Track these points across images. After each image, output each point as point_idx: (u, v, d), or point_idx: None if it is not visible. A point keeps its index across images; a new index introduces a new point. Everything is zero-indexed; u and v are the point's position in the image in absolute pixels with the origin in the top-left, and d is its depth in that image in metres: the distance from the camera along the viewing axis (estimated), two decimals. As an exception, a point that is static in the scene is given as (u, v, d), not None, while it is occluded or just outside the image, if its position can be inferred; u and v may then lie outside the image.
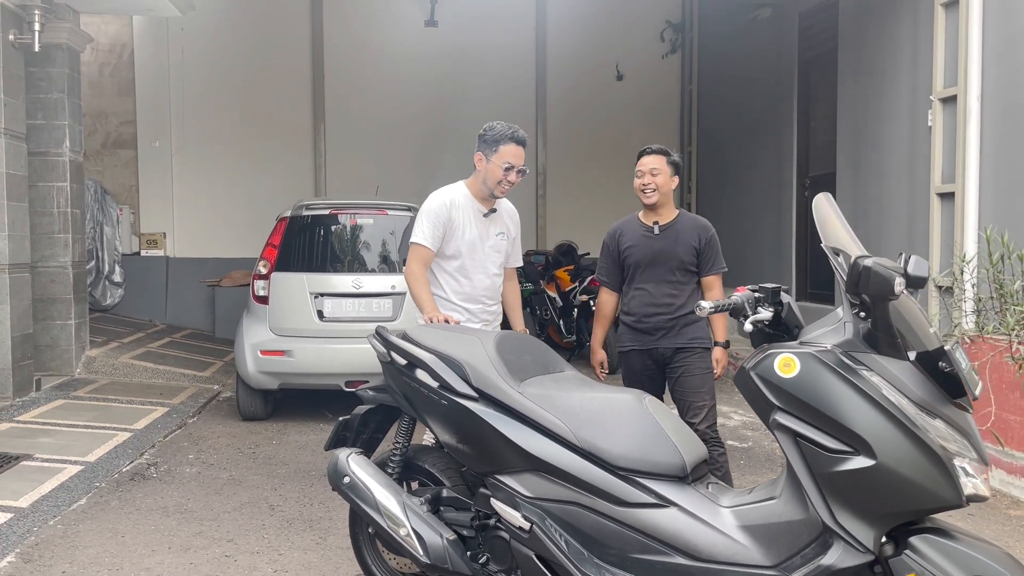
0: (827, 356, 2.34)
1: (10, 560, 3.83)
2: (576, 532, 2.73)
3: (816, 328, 2.45)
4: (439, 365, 2.96)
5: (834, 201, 2.68)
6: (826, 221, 2.55)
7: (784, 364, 2.35)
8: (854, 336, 2.35)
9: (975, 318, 5.27)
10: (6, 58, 6.72)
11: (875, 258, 2.28)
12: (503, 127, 3.98)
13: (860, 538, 2.29)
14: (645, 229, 4.22)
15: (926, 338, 2.36)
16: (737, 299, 2.53)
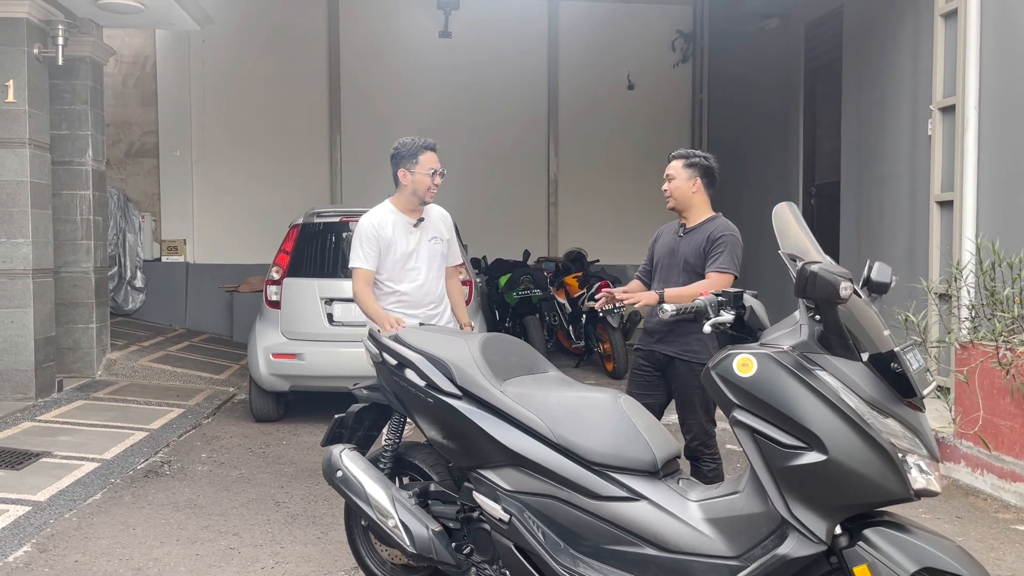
0: (783, 357, 2.47)
1: (26, 550, 4.03)
2: (553, 524, 2.87)
3: (776, 330, 2.58)
4: (426, 365, 3.12)
5: (796, 209, 2.81)
6: (786, 229, 2.68)
7: (742, 364, 2.49)
8: (809, 338, 2.48)
9: (968, 324, 5.35)
10: (31, 71, 6.98)
11: (822, 264, 2.41)
12: (413, 140, 4.32)
13: (814, 529, 2.41)
14: (676, 230, 4.26)
15: (879, 340, 2.48)
16: (700, 303, 2.67)
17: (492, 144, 12.03)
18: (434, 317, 4.43)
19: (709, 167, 4.19)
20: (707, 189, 4.19)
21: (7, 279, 6.99)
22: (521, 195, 12.19)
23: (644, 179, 12.06)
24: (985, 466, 5.10)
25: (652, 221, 11.72)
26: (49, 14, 7.14)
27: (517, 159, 12.15)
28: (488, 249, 11.33)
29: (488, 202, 11.95)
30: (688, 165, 4.16)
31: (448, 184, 12.35)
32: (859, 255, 7.82)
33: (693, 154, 4.20)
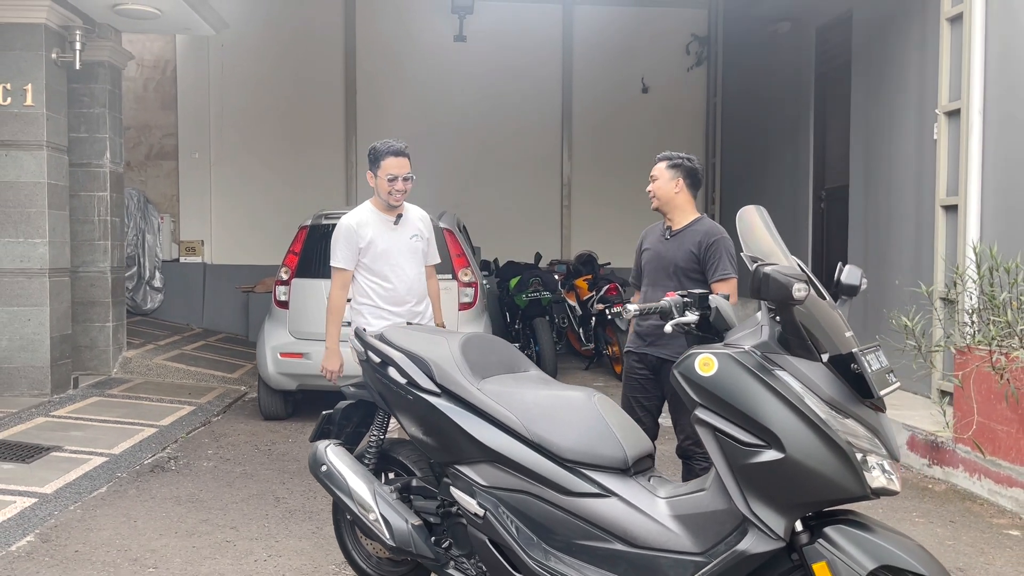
0: (743, 357, 2.52)
1: (29, 539, 4.16)
2: (526, 519, 2.93)
3: (739, 331, 2.63)
4: (407, 363, 3.20)
5: (765, 213, 2.84)
6: (750, 231, 2.72)
7: (703, 363, 2.54)
8: (769, 338, 2.52)
9: (968, 329, 5.34)
10: (49, 75, 7.17)
11: (776, 266, 2.45)
12: (381, 145, 4.41)
13: (772, 526, 2.46)
14: (661, 233, 4.29)
15: (840, 342, 2.52)
16: (666, 303, 2.72)
17: (506, 147, 12.12)
18: (418, 315, 4.52)
19: (692, 168, 4.23)
20: (690, 190, 4.23)
21: (24, 278, 7.18)
22: (534, 198, 12.26)
23: (657, 182, 12.07)
24: (982, 471, 5.09)
25: (665, 224, 11.79)
26: (67, 20, 7.32)
27: (531, 162, 12.22)
28: (501, 251, 11.40)
29: (502, 204, 12.04)
30: (671, 166, 4.21)
31: (462, 186, 12.55)
32: (866, 259, 7.81)
33: (676, 156, 4.24)
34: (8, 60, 7.03)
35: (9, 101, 7.04)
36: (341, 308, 4.46)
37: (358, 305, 4.51)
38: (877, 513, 4.71)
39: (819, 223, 8.99)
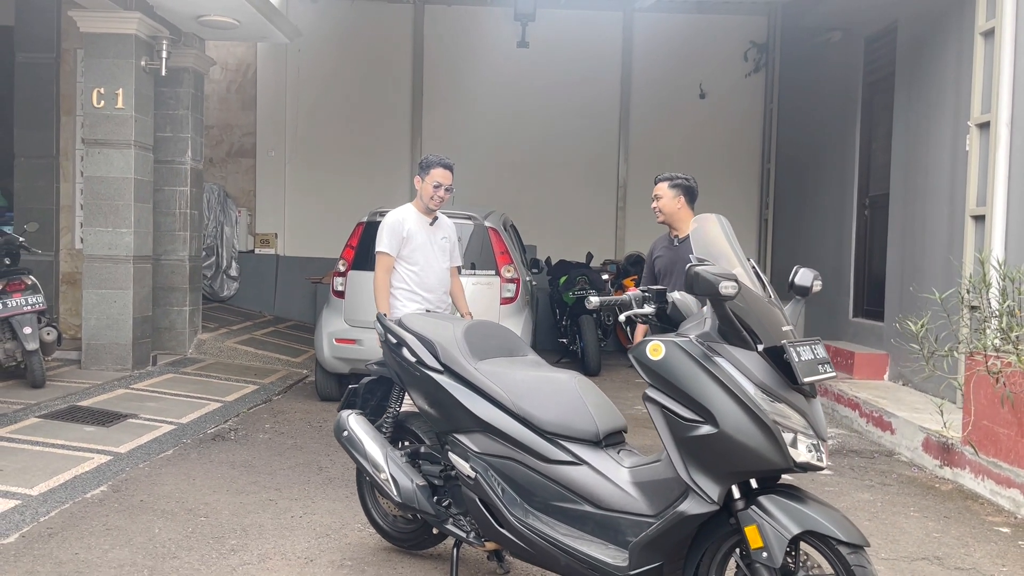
0: (687, 344, 2.89)
1: (102, 489, 4.81)
2: (511, 481, 3.37)
3: (690, 322, 3.00)
4: (416, 344, 3.67)
5: (725, 222, 3.20)
6: (704, 237, 3.09)
7: (653, 349, 2.93)
8: (711, 329, 2.89)
9: (979, 335, 5.52)
10: (138, 81, 7.92)
11: (707, 266, 2.81)
12: (434, 156, 5.12)
13: (708, 491, 2.83)
14: (669, 241, 5.03)
15: (776, 334, 2.87)
16: (626, 296, 3.12)
17: (564, 149, 12.53)
18: (442, 304, 5.23)
19: (690, 187, 4.96)
20: (689, 204, 4.96)
21: (112, 264, 7.95)
22: (591, 200, 12.63)
23: (713, 187, 12.29)
24: (986, 472, 5.28)
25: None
26: (155, 30, 8.06)
27: (588, 164, 12.60)
28: (557, 251, 11.84)
29: (558, 205, 12.46)
30: (672, 186, 4.91)
31: (520, 187, 13.01)
32: (903, 266, 7.95)
33: (675, 176, 4.96)
34: (102, 67, 7.80)
35: (103, 104, 7.81)
36: (385, 287, 5.14)
37: (395, 290, 5.18)
38: (875, 507, 5.01)
39: (862, 230, 9.13)
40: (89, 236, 7.99)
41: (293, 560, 3.91)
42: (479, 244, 7.78)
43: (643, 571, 2.98)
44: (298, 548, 4.07)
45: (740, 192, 12.56)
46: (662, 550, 2.95)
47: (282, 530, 4.31)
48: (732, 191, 12.44)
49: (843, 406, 7.50)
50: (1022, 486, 4.90)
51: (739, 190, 12.55)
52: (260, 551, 4.01)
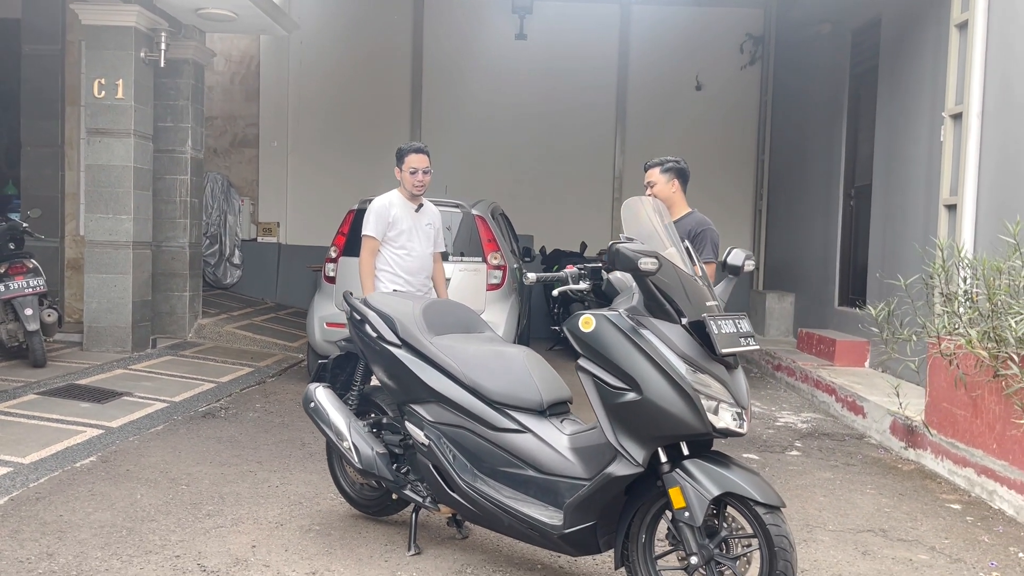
0: (616, 318, 3.09)
1: (92, 459, 5.06)
2: (462, 448, 3.58)
3: (621, 298, 3.20)
4: (377, 320, 3.88)
5: (658, 203, 3.39)
6: (634, 217, 3.27)
7: (585, 322, 3.12)
8: (638, 303, 3.08)
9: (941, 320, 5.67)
10: (137, 71, 8.16)
11: (628, 244, 3.00)
12: (406, 145, 5.35)
13: (633, 454, 3.03)
14: None
15: (700, 309, 3.06)
16: (563, 274, 3.32)
17: (561, 140, 12.71)
18: (423, 288, 5.44)
19: (681, 169, 4.97)
20: (683, 187, 5.00)
21: (112, 249, 8.21)
22: (587, 190, 12.80)
23: (708, 178, 12.45)
24: (944, 452, 5.44)
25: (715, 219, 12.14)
26: (154, 22, 8.30)
27: (585, 155, 12.78)
28: (553, 240, 12.04)
29: (555, 195, 12.65)
30: (664, 171, 4.92)
31: (518, 177, 13.22)
32: (884, 254, 8.10)
33: (666, 160, 4.96)
34: (103, 58, 8.05)
35: (103, 94, 8.06)
36: (371, 270, 5.39)
37: (379, 271, 5.43)
38: (834, 485, 5.20)
39: (848, 220, 9.27)
40: (90, 222, 8.25)
41: (264, 524, 4.14)
42: (467, 232, 7.98)
43: (576, 530, 3.18)
44: (271, 514, 4.30)
45: (735, 183, 12.70)
46: (593, 510, 3.15)
47: (258, 498, 4.54)
48: (727, 182, 12.58)
49: (821, 391, 7.66)
50: (976, 465, 5.06)
51: (734, 181, 12.69)
52: (234, 516, 4.24)
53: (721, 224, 10.52)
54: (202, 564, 3.63)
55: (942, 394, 5.42)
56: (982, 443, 4.95)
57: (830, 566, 3.90)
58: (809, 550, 4.08)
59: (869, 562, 3.97)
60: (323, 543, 3.93)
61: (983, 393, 4.85)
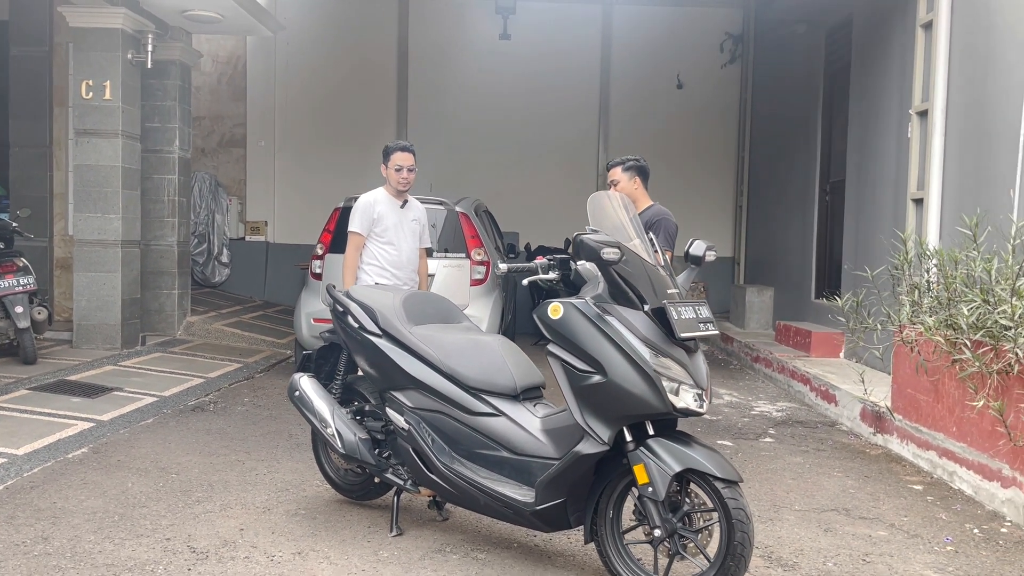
0: (583, 305, 3.27)
1: (83, 451, 5.21)
2: (440, 432, 3.75)
3: (588, 286, 3.38)
4: (359, 311, 4.05)
5: (623, 197, 3.58)
6: (600, 211, 3.45)
7: (554, 310, 3.31)
8: (603, 291, 3.26)
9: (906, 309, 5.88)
10: (124, 73, 8.29)
11: (592, 235, 3.18)
12: (392, 143, 5.53)
13: (599, 433, 3.21)
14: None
15: (662, 296, 3.24)
16: (533, 264, 3.50)
17: (546, 139, 12.90)
18: (410, 282, 5.63)
19: (641, 166, 5.20)
20: (644, 183, 5.23)
21: (101, 248, 8.34)
22: (571, 187, 12.96)
23: (690, 175, 12.69)
24: (909, 436, 5.65)
25: (697, 215, 12.42)
26: (141, 24, 8.43)
27: (569, 153, 12.97)
28: (538, 237, 12.22)
29: (540, 193, 12.83)
30: (625, 169, 5.16)
31: (503, 175, 13.42)
32: (856, 248, 8.31)
33: (626, 159, 5.23)
34: (90, 60, 8.18)
35: (91, 96, 8.19)
36: (354, 265, 5.58)
37: (366, 265, 5.62)
38: (803, 469, 5.40)
39: (824, 214, 9.49)
40: (79, 222, 8.38)
41: (252, 509, 4.30)
42: (451, 229, 8.15)
43: (547, 507, 3.36)
44: (258, 500, 4.46)
45: (716, 180, 12.92)
46: (563, 487, 3.33)
47: (246, 485, 4.70)
48: (709, 179, 12.80)
49: (797, 381, 7.87)
50: (938, 448, 5.26)
51: (715, 178, 12.91)
52: (223, 502, 4.40)
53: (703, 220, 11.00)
54: (192, 546, 3.79)
55: (906, 380, 5.63)
56: (943, 426, 5.16)
57: (793, 542, 4.09)
58: (774, 528, 4.28)
59: (830, 538, 4.16)
60: (309, 526, 4.10)
61: (942, 378, 5.06)
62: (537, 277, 3.47)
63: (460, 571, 3.60)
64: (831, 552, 3.98)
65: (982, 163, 6.16)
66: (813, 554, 3.95)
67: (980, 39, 6.24)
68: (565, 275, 3.45)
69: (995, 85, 6.01)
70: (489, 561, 3.72)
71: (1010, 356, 4.26)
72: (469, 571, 3.60)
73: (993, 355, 4.42)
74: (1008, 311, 4.25)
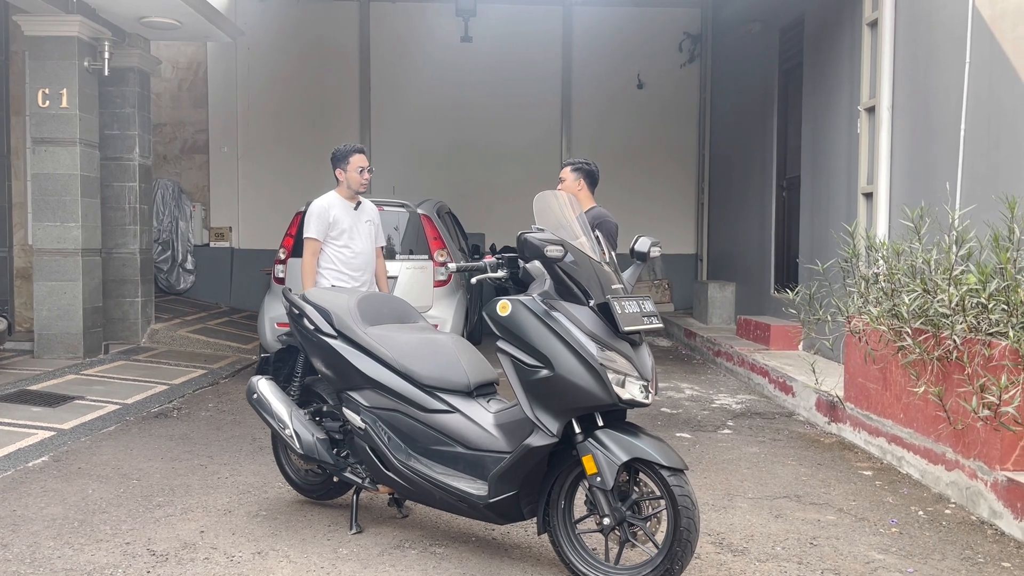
0: (530, 302, 3.36)
1: (43, 459, 5.21)
2: (396, 430, 3.82)
3: (535, 284, 3.47)
4: (314, 313, 4.11)
5: (570, 196, 3.67)
6: (546, 209, 3.55)
7: (502, 307, 3.39)
8: (550, 288, 3.36)
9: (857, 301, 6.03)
10: (82, 81, 8.26)
11: (536, 233, 3.28)
12: (346, 146, 5.58)
13: (548, 426, 3.29)
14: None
15: (607, 291, 3.34)
16: (482, 263, 3.58)
17: (509, 139, 13.00)
18: (367, 283, 5.64)
19: (590, 170, 5.47)
20: (589, 187, 5.49)
21: (61, 257, 8.30)
22: (535, 188, 12.75)
23: (652, 174, 12.85)
24: (861, 424, 5.81)
25: (660, 213, 12.57)
26: (97, 32, 8.40)
27: (532, 154, 13.07)
28: (503, 238, 12.27)
29: (504, 193, 12.92)
30: (574, 170, 5.40)
31: (468, 176, 13.52)
32: (812, 242, 8.49)
33: (578, 162, 5.49)
34: (46, 68, 8.14)
35: (47, 104, 8.15)
36: (312, 271, 5.62)
37: (324, 270, 5.66)
38: (759, 458, 5.52)
39: (781, 209, 9.67)
40: (38, 231, 8.33)
41: (213, 512, 4.34)
42: (414, 231, 8.22)
43: (500, 499, 3.44)
44: (220, 502, 4.50)
45: (678, 178, 13.09)
46: (516, 480, 3.41)
47: (207, 489, 4.74)
48: (670, 177, 12.97)
49: (756, 374, 8.02)
50: (887, 434, 5.42)
51: (677, 176, 13.08)
52: (184, 505, 4.43)
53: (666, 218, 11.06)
54: (151, 549, 3.82)
55: (856, 370, 5.78)
56: (891, 413, 5.32)
57: (744, 528, 4.21)
58: (727, 515, 4.39)
59: (780, 524, 4.29)
60: (269, 526, 4.14)
61: (889, 366, 5.21)
62: (486, 276, 3.55)
63: (418, 566, 3.67)
64: (780, 537, 4.10)
65: (927, 157, 6.35)
66: (763, 539, 4.06)
67: (922, 37, 6.42)
68: (514, 273, 3.54)
69: (937, 81, 6.20)
70: (447, 556, 3.79)
71: (949, 343, 4.41)
72: (427, 565, 3.67)
73: (933, 342, 4.57)
74: (946, 299, 4.40)
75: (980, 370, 4.21)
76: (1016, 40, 5.33)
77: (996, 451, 4.23)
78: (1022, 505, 4.03)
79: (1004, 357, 4.11)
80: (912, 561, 3.83)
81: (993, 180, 5.41)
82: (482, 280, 3.58)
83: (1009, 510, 4.12)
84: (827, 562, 3.79)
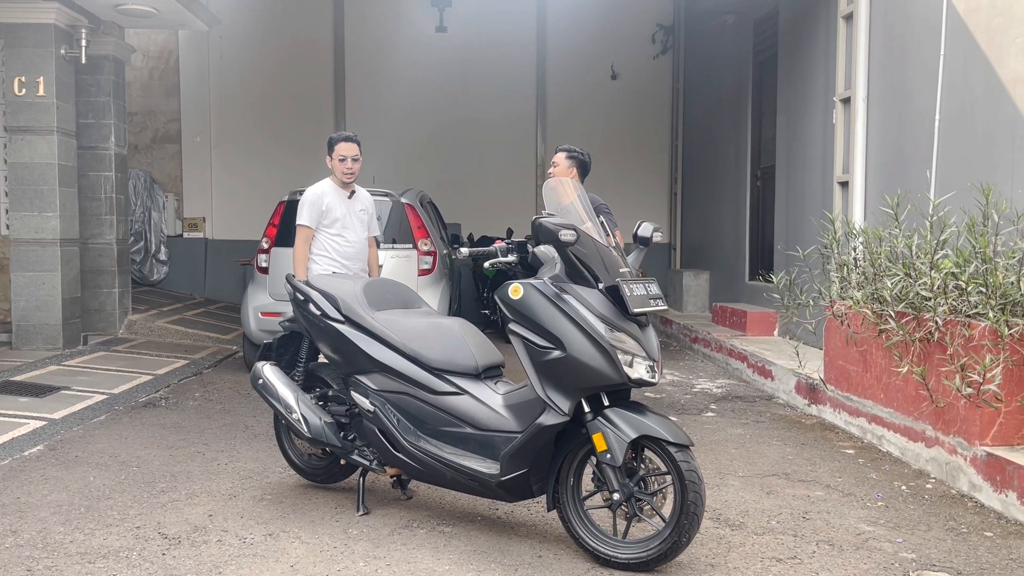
0: (541, 285, 3.46)
1: (39, 448, 5.20)
2: (404, 412, 3.90)
3: (545, 268, 3.57)
4: (321, 299, 4.17)
5: (577, 183, 3.78)
6: (554, 196, 3.65)
7: (514, 290, 3.49)
8: (560, 271, 3.46)
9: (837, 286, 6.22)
10: (58, 69, 8.17)
11: (550, 218, 3.38)
12: (335, 135, 5.64)
13: (559, 405, 3.40)
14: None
15: (614, 275, 3.45)
16: (493, 248, 3.68)
17: (484, 130, 13.06)
18: (360, 272, 5.68)
19: (583, 161, 5.57)
20: (580, 176, 5.52)
21: (39, 247, 8.21)
22: (510, 178, 13.19)
23: (626, 164, 13.00)
24: (841, 405, 6.01)
25: (633, 202, 12.74)
26: (74, 19, 8.30)
27: (507, 144, 13.16)
28: (480, 227, 12.37)
29: (480, 184, 13.01)
30: (569, 157, 5.46)
31: (444, 166, 13.57)
32: (787, 230, 8.70)
33: (574, 150, 5.53)
34: (22, 56, 8.03)
35: (24, 92, 8.05)
36: (304, 258, 5.60)
37: (316, 256, 5.65)
38: (744, 439, 5.69)
39: (755, 199, 9.87)
40: (15, 221, 8.23)
41: (218, 496, 4.39)
42: (397, 220, 8.26)
43: (512, 477, 3.54)
44: (223, 488, 4.54)
45: (652, 168, 13.27)
46: (526, 458, 3.52)
47: (209, 475, 4.77)
48: (644, 167, 13.14)
49: (734, 359, 8.21)
50: (867, 414, 5.61)
51: (651, 166, 13.26)
52: (188, 491, 4.47)
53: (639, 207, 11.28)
54: (163, 532, 3.87)
55: (837, 353, 5.98)
56: (871, 394, 5.51)
57: (739, 504, 4.36)
58: (721, 493, 4.55)
59: (772, 499, 4.45)
60: (276, 509, 4.20)
61: (870, 348, 5.40)
62: (497, 260, 3.64)
63: (428, 544, 3.76)
64: (774, 512, 4.25)
65: (902, 147, 6.56)
66: (758, 514, 4.22)
67: (897, 29, 6.62)
68: (523, 257, 3.63)
69: (912, 72, 6.40)
70: (455, 534, 3.88)
71: (930, 324, 4.60)
72: (437, 543, 3.77)
73: (915, 324, 4.76)
74: (928, 283, 4.59)
75: (961, 350, 4.40)
76: (990, 33, 5.53)
77: (976, 428, 4.43)
78: (1001, 478, 4.23)
79: (984, 337, 4.30)
80: (900, 532, 4.01)
81: (968, 168, 5.61)
82: (478, 271, 3.67)
83: (988, 483, 4.32)
84: (821, 534, 3.95)
